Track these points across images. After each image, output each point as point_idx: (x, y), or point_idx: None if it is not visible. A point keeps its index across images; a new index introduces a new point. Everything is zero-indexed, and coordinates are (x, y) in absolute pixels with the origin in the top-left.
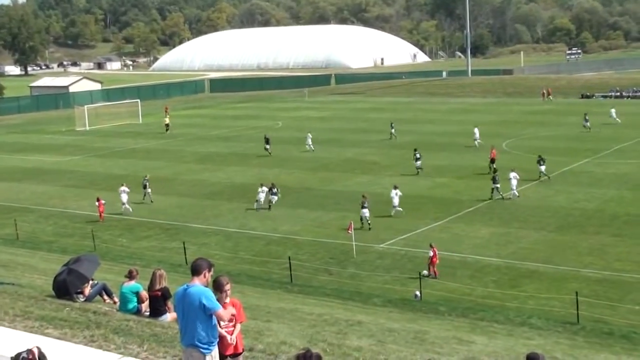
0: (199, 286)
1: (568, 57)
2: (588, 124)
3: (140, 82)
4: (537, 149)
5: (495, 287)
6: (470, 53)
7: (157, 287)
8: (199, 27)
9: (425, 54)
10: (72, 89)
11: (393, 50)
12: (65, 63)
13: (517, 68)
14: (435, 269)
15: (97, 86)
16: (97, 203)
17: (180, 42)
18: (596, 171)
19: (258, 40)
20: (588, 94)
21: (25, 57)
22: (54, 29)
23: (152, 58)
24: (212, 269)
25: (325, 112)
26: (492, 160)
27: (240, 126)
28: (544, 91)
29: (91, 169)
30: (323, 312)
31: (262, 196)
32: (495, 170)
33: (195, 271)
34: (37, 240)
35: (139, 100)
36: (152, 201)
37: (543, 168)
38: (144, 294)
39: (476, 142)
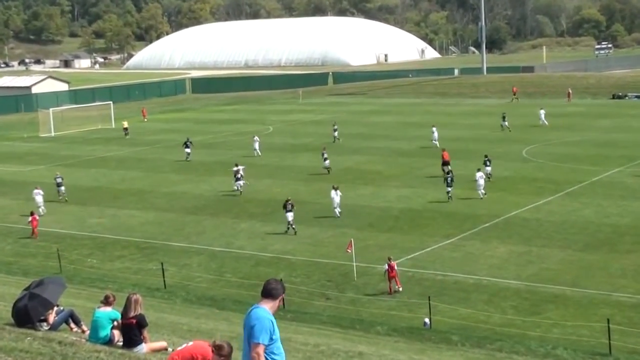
0: (264, 310)
1: (597, 52)
2: (506, 123)
3: (113, 82)
4: (562, 156)
5: (515, 314)
6: (486, 48)
7: (132, 313)
8: (179, 20)
9: (435, 49)
10: (35, 90)
11: (398, 46)
12: (27, 61)
13: (538, 65)
14: (397, 279)
15: (63, 87)
16: (29, 218)
17: (158, 37)
18: (629, 181)
19: (246, 34)
20: (620, 94)
21: None
22: (14, 22)
23: (126, 55)
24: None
25: (322, 116)
26: (446, 163)
27: (226, 131)
28: (513, 90)
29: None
30: (319, 342)
31: (241, 183)
32: (449, 173)
33: (270, 295)
34: None
35: (111, 103)
36: (66, 200)
37: (489, 170)
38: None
39: (434, 143)
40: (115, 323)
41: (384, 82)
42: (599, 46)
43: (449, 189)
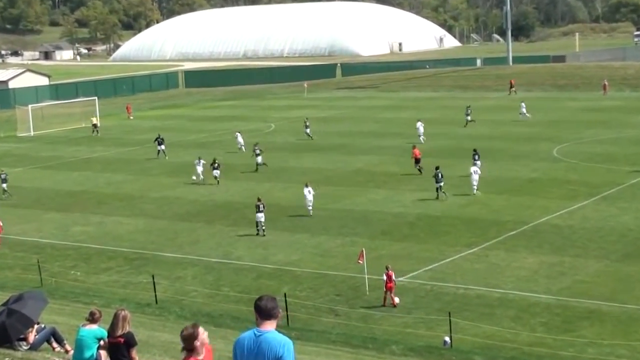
0: (278, 334)
1: (636, 39)
2: (469, 117)
3: (98, 76)
4: (597, 155)
5: (545, 332)
6: (512, 35)
7: (120, 332)
8: (171, 7)
9: (455, 37)
10: (12, 85)
11: (414, 33)
12: (3, 52)
13: (570, 54)
14: (392, 295)
15: (43, 81)
16: None
17: (148, 26)
18: None
19: (244, 22)
20: None
21: None
22: None
23: (112, 45)
24: None
25: (329, 112)
26: (417, 161)
27: (223, 130)
28: (510, 82)
29: (37, 184)
30: None
31: (200, 169)
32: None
33: (268, 314)
34: None
35: (96, 98)
36: (11, 195)
37: (478, 164)
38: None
39: (421, 139)
40: (102, 342)
41: (398, 74)
42: (638, 32)
43: (440, 184)
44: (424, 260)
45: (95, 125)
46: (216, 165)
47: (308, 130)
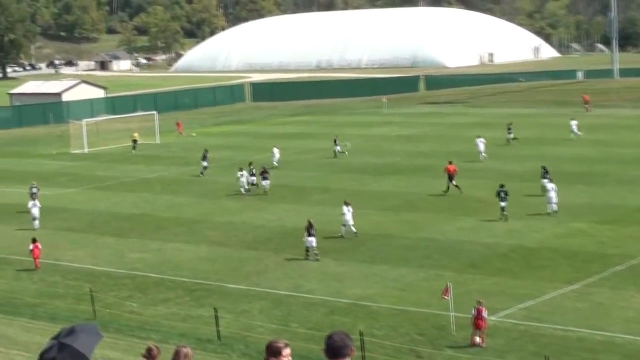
0: None
1: None
2: (339, 148)
3: (158, 88)
4: None
5: None
6: (618, 45)
7: None
8: (238, 13)
9: (553, 47)
10: (66, 97)
11: (507, 43)
12: (57, 62)
13: None
14: (482, 336)
15: (99, 93)
16: (31, 246)
17: (213, 34)
18: None
19: (318, 29)
20: None
21: (3, 54)
22: (43, 16)
23: (173, 55)
24: None
25: (412, 130)
26: (451, 178)
27: (294, 148)
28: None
29: (91, 206)
30: None
31: (244, 181)
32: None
33: (339, 353)
34: (17, 303)
35: (155, 113)
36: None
37: (546, 182)
38: None
39: (481, 157)
40: None
41: (488, 88)
42: None
43: (502, 204)
44: (518, 297)
45: (135, 142)
46: (266, 175)
47: (338, 149)
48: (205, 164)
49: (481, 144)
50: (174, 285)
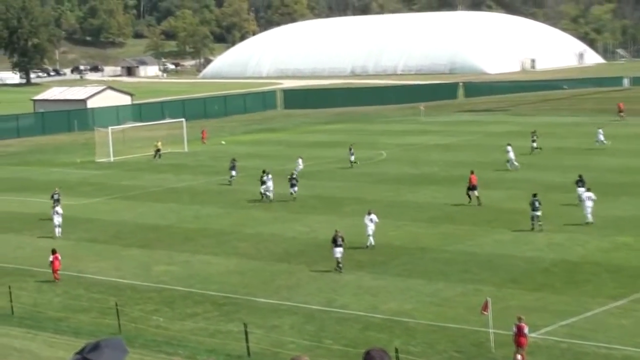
0: None
1: None
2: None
3: (186, 95)
4: None
5: None
6: None
7: None
8: (269, 17)
9: (597, 52)
10: (91, 104)
11: (549, 48)
12: (82, 68)
13: None
14: (523, 354)
15: (125, 100)
16: (51, 257)
17: (243, 38)
18: None
19: (353, 34)
20: None
21: (27, 59)
22: (68, 20)
23: (202, 60)
24: None
25: (450, 138)
26: (473, 188)
27: (327, 158)
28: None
29: (117, 217)
30: None
31: (270, 185)
32: (535, 195)
33: None
34: (40, 317)
35: (183, 120)
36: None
37: (582, 190)
38: None
39: (509, 164)
40: None
41: (530, 95)
42: None
43: (537, 213)
44: (560, 313)
45: (158, 150)
46: (294, 181)
47: (352, 158)
48: (233, 172)
49: (511, 152)
50: (202, 299)
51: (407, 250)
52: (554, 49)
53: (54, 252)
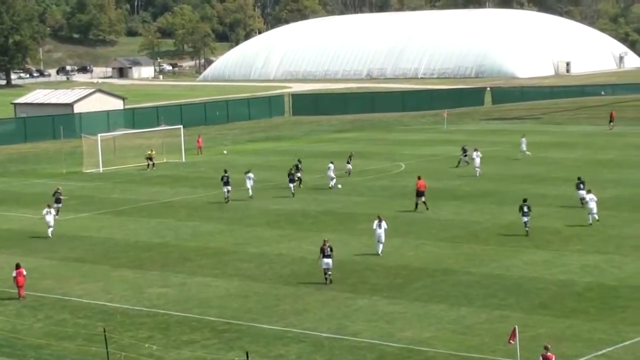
0: None
1: None
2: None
3: (185, 99)
4: None
5: None
6: None
7: None
8: (277, 14)
9: (639, 55)
10: (78, 108)
11: (586, 50)
12: (69, 68)
13: None
14: None
15: (117, 104)
16: (14, 272)
17: (248, 37)
18: None
19: (370, 33)
20: None
21: (7, 58)
22: (53, 16)
23: (202, 61)
24: None
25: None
26: (419, 194)
27: (339, 170)
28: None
29: (106, 234)
30: None
31: (250, 184)
32: (525, 201)
33: None
34: (19, 344)
35: (181, 127)
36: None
37: (583, 193)
38: None
39: (519, 155)
40: None
41: (565, 102)
42: None
43: (525, 219)
44: (594, 342)
45: (150, 159)
46: (295, 177)
47: (349, 166)
48: (228, 188)
49: (524, 143)
50: (200, 325)
51: (426, 272)
52: (591, 51)
53: (17, 266)
